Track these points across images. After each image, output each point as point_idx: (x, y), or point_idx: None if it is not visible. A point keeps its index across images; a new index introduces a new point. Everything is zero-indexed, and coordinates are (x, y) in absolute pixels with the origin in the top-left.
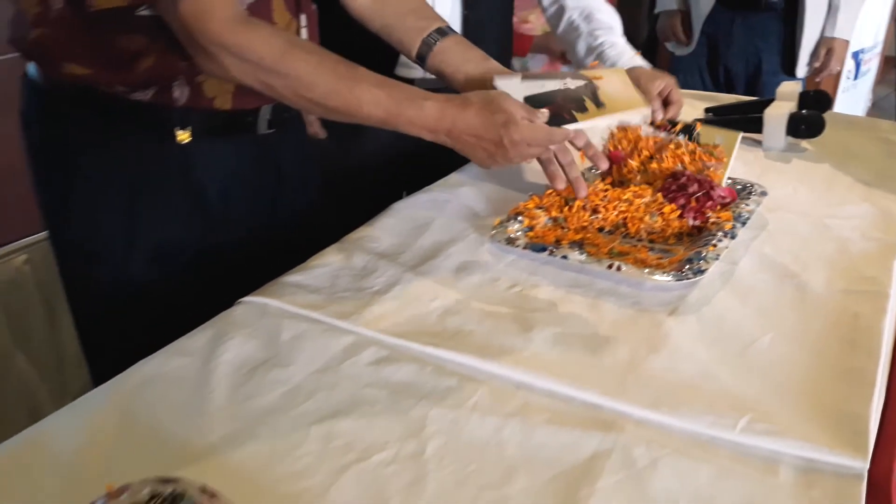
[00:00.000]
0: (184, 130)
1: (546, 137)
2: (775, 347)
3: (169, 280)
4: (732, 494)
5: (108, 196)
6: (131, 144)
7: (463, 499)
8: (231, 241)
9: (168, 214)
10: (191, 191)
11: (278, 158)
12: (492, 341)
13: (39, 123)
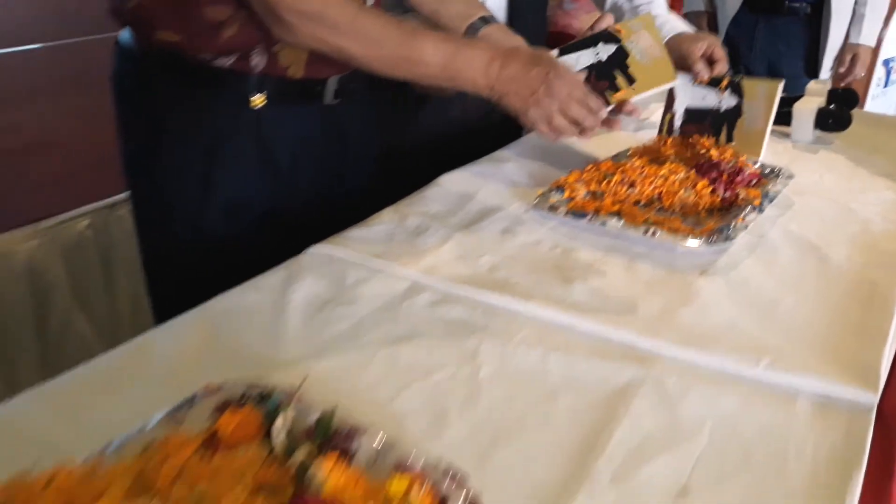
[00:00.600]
0: (259, 96)
1: (585, 95)
2: (797, 307)
3: (239, 235)
4: (754, 421)
5: (188, 154)
6: (211, 107)
7: (511, 413)
8: (298, 203)
9: (241, 174)
10: (262, 153)
11: (343, 128)
12: (536, 291)
13: (129, 87)
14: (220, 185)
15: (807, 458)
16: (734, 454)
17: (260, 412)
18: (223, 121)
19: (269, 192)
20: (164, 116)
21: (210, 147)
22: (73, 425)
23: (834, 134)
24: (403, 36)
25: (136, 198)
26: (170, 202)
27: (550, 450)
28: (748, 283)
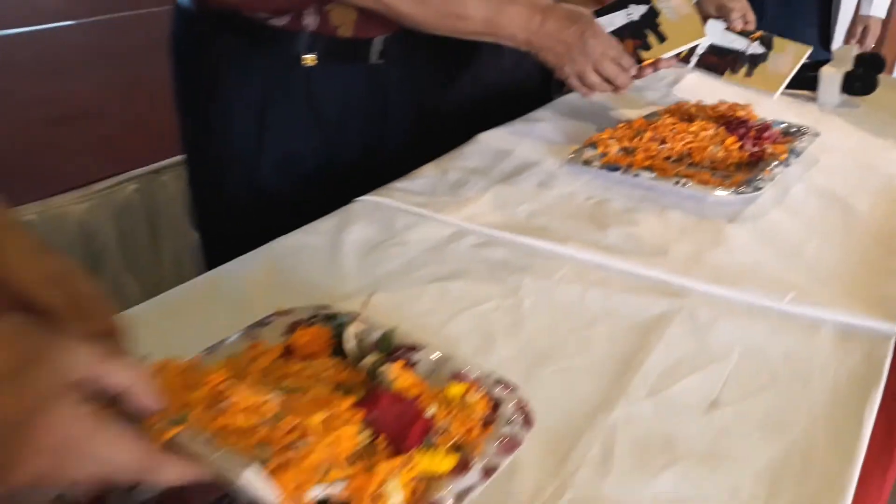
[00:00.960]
0: (310, 55)
1: (618, 54)
2: (820, 250)
3: (290, 189)
4: (780, 347)
5: (241, 110)
6: (264, 65)
7: (554, 338)
8: (343, 158)
9: (291, 129)
10: (311, 110)
11: (385, 87)
12: (573, 235)
13: (186, 47)
14: (272, 140)
15: (829, 378)
16: (761, 374)
17: (328, 329)
18: (276, 78)
19: (317, 147)
20: (220, 75)
21: (263, 104)
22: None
23: (859, 98)
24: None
25: (192, 156)
26: (224, 159)
27: (590, 369)
28: (774, 230)
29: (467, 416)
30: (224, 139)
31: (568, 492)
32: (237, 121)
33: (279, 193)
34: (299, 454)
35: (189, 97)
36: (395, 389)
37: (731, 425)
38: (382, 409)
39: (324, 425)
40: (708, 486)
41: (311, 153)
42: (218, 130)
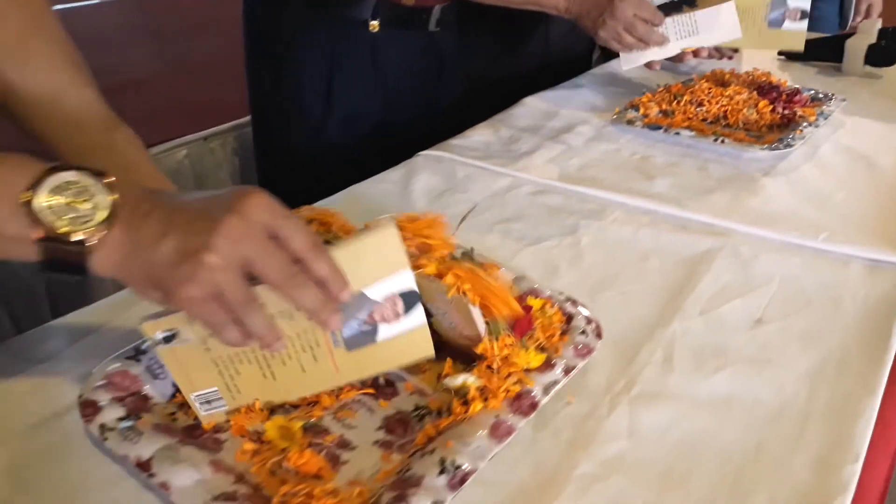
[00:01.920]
0: (374, 21)
1: (651, 14)
2: (849, 199)
3: (354, 145)
4: (815, 277)
5: (311, 71)
6: (332, 31)
7: (611, 269)
8: (402, 117)
9: (356, 89)
10: (375, 72)
11: (441, 53)
12: (622, 185)
13: (261, 15)
14: (339, 100)
15: (859, 301)
16: (799, 298)
17: None
18: (344, 43)
19: (378, 107)
20: (291, 41)
21: (330, 67)
22: None
23: (882, 70)
24: None
25: (262, 117)
26: (294, 117)
27: (646, 293)
28: (805, 182)
29: (548, 324)
30: (295, 100)
31: (636, 386)
32: (307, 82)
33: (343, 150)
34: None
35: (262, 63)
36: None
37: (774, 338)
38: None
39: None
40: (756, 385)
41: (373, 112)
42: (289, 92)
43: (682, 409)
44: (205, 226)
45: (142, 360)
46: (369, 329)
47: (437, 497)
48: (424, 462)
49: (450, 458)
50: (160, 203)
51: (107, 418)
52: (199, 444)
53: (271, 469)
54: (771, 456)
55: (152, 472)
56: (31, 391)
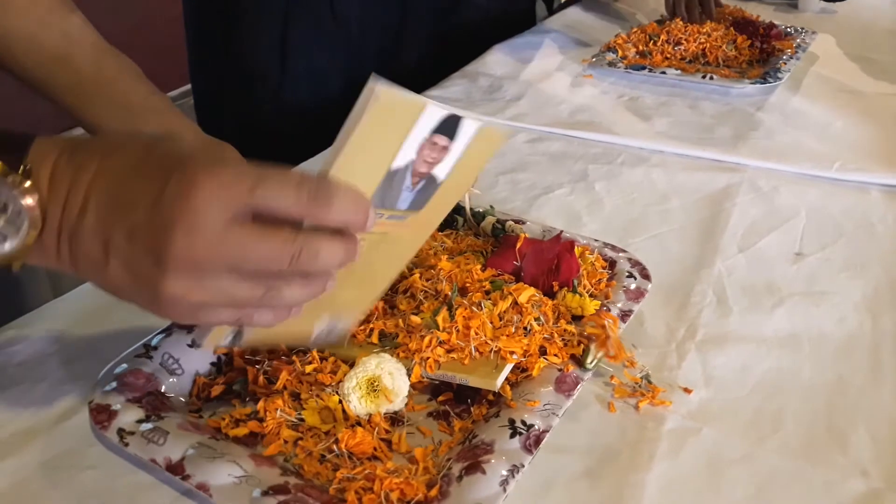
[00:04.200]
0: None
1: None
2: (846, 128)
3: (314, 103)
4: (839, 206)
5: (264, 27)
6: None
7: (634, 212)
8: (367, 69)
9: (314, 44)
10: (335, 22)
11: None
12: (620, 127)
13: None
14: (295, 57)
15: (888, 226)
16: (830, 227)
17: None
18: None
19: (341, 62)
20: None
21: (285, 18)
22: None
23: (836, 4)
24: None
25: (207, 83)
26: (251, 75)
27: (678, 234)
28: (800, 114)
29: (592, 271)
30: (249, 56)
31: (699, 331)
32: (260, 38)
33: (304, 109)
34: None
35: (206, 22)
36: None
37: (819, 270)
38: (524, 250)
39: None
40: (817, 317)
41: (333, 68)
42: (242, 48)
43: (751, 350)
44: (150, 246)
45: (154, 356)
46: (425, 182)
47: (515, 460)
48: (491, 426)
49: (519, 419)
50: (96, 186)
51: (125, 422)
52: (234, 439)
53: (320, 456)
54: (855, 388)
55: (187, 474)
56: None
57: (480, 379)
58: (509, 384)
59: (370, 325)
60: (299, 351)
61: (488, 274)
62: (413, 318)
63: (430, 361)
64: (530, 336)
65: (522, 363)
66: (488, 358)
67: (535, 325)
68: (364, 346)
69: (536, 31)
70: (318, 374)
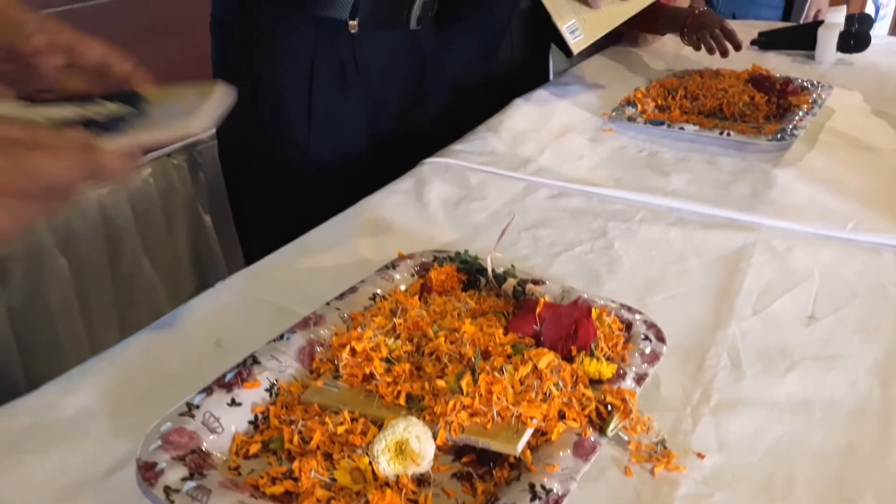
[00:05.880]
0: (353, 21)
1: None
2: (861, 186)
3: (336, 150)
4: (851, 266)
5: (291, 78)
6: (311, 33)
7: (652, 271)
8: (386, 119)
9: (339, 94)
10: (357, 74)
11: (423, 51)
12: (639, 183)
13: (231, 20)
14: (320, 106)
15: None
16: (844, 290)
17: (455, 267)
18: (323, 44)
19: (362, 112)
20: (269, 43)
21: (311, 70)
22: (291, 291)
23: (853, 56)
24: None
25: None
26: (274, 128)
27: (695, 295)
28: (815, 171)
29: (609, 333)
30: (275, 109)
31: (714, 395)
32: (288, 88)
33: (328, 161)
34: None
35: (236, 71)
36: (542, 303)
37: (832, 334)
38: (544, 315)
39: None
40: (829, 382)
41: (356, 119)
42: (269, 101)
43: (764, 415)
44: None
45: (196, 415)
46: None
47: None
48: (512, 490)
49: (538, 483)
50: None
51: (170, 480)
52: (271, 497)
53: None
54: (865, 455)
55: None
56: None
57: (502, 444)
58: (529, 447)
59: (398, 388)
60: (331, 412)
61: (510, 338)
62: (438, 382)
63: (454, 425)
64: (549, 401)
65: (542, 427)
66: (510, 422)
67: (554, 391)
68: (392, 407)
69: (558, 84)
70: (350, 436)
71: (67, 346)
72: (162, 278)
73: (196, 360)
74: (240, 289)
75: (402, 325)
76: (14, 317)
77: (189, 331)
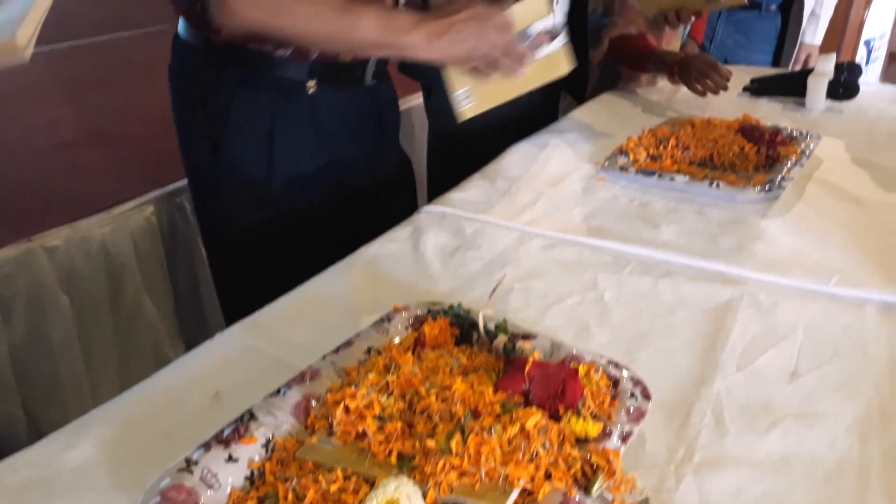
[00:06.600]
0: (312, 81)
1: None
2: (846, 238)
3: (300, 205)
4: (835, 322)
5: (251, 137)
6: (271, 93)
7: (641, 325)
8: (348, 172)
9: (300, 151)
10: (316, 132)
11: (380, 104)
12: (629, 234)
13: (190, 78)
14: (281, 163)
15: (883, 345)
16: (826, 346)
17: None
18: (282, 105)
19: (323, 167)
20: (228, 104)
21: (270, 129)
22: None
23: (842, 103)
24: (338, 10)
25: (199, 187)
26: (235, 184)
27: (682, 349)
28: (802, 223)
29: (596, 391)
30: (235, 169)
31: (697, 453)
32: (248, 149)
33: (289, 212)
34: None
35: (196, 130)
36: (531, 361)
37: (814, 390)
38: (533, 373)
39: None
40: (809, 441)
41: (317, 173)
42: (228, 159)
43: (745, 473)
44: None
45: (194, 471)
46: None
47: None
48: None
49: None
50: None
51: None
52: None
53: None
54: None
55: None
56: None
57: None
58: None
59: (390, 446)
60: (325, 469)
61: (499, 397)
62: (429, 442)
63: (443, 485)
64: (536, 461)
65: (529, 487)
66: (497, 483)
67: (541, 451)
68: (384, 466)
69: (553, 130)
70: (342, 494)
71: (67, 384)
72: (162, 316)
73: (196, 413)
74: (239, 339)
75: (396, 382)
76: (15, 354)
77: (189, 382)
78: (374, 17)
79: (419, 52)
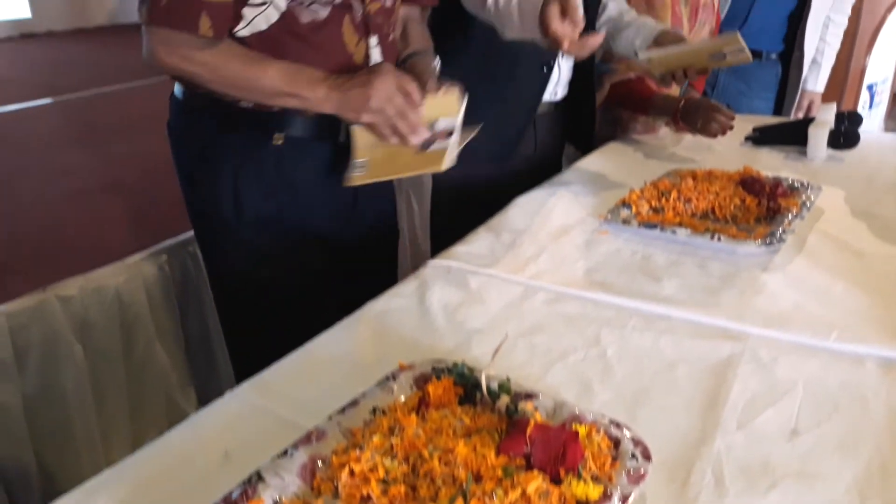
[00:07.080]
0: (279, 135)
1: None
2: (846, 292)
3: (270, 246)
4: (835, 378)
5: (219, 177)
6: (237, 140)
7: (643, 381)
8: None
9: (265, 194)
10: (280, 182)
11: None
12: (632, 288)
13: (181, 130)
14: (248, 203)
15: (882, 401)
16: (826, 403)
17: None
18: (247, 154)
19: (293, 211)
20: (203, 149)
21: (235, 172)
22: (296, 401)
23: (843, 152)
24: (247, 60)
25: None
26: (213, 215)
27: (683, 407)
28: (802, 277)
29: (597, 452)
30: (209, 199)
31: None
32: (217, 185)
33: (263, 255)
34: None
35: (185, 170)
36: (533, 423)
37: (814, 449)
38: (534, 436)
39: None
40: (809, 501)
41: (284, 220)
42: (203, 193)
43: None
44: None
45: None
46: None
47: None
48: None
49: None
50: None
51: None
52: None
53: None
54: None
55: None
56: None
57: None
58: None
59: None
60: None
61: (501, 460)
62: None
63: None
64: None
65: None
66: None
67: None
68: None
69: (557, 183)
70: None
71: (79, 432)
72: (174, 363)
73: (206, 473)
74: (247, 399)
75: (399, 445)
76: (28, 403)
77: (199, 442)
78: (281, 69)
79: (322, 102)
